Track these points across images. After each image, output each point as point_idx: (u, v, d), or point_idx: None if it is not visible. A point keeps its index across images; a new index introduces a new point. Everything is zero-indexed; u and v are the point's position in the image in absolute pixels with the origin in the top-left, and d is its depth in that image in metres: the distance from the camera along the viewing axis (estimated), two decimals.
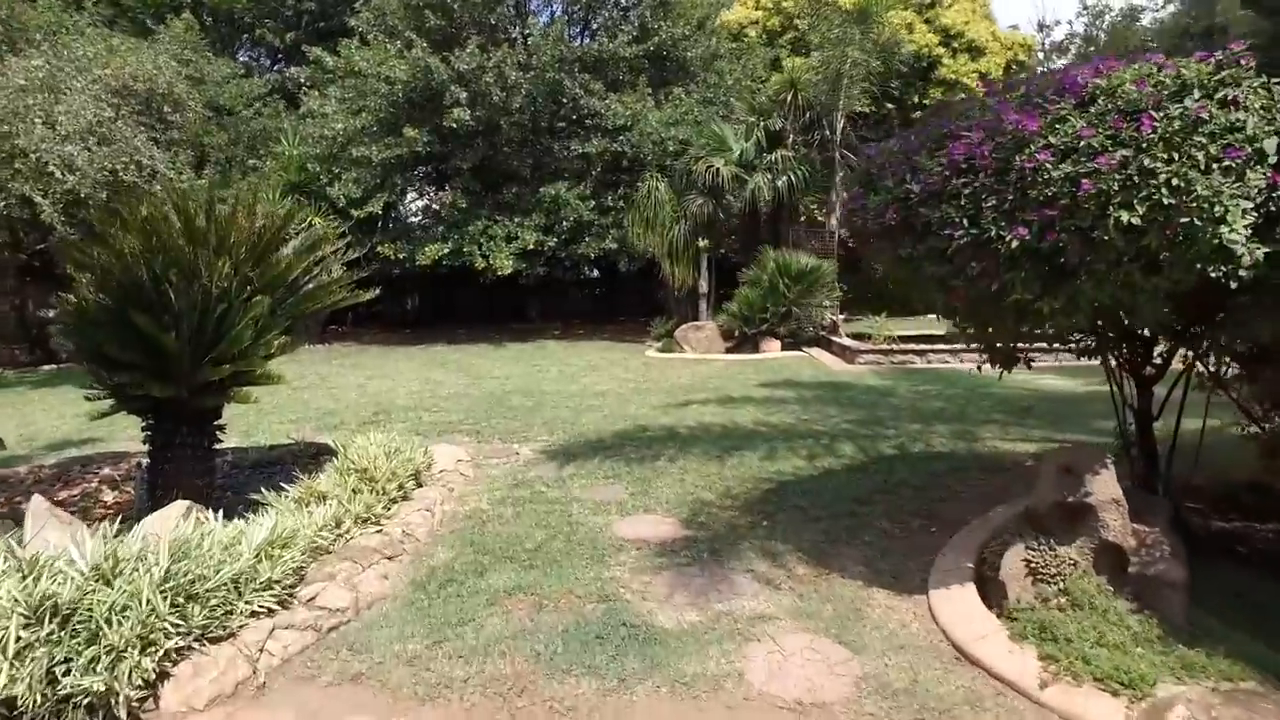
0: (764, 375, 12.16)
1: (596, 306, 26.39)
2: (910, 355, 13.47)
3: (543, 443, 7.77)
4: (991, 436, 7.69)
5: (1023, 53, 24.79)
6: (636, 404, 9.84)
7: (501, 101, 16.45)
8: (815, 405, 9.47)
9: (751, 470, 6.50)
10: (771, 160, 16.53)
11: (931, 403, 9.50)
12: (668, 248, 17.00)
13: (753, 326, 15.56)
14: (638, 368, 13.53)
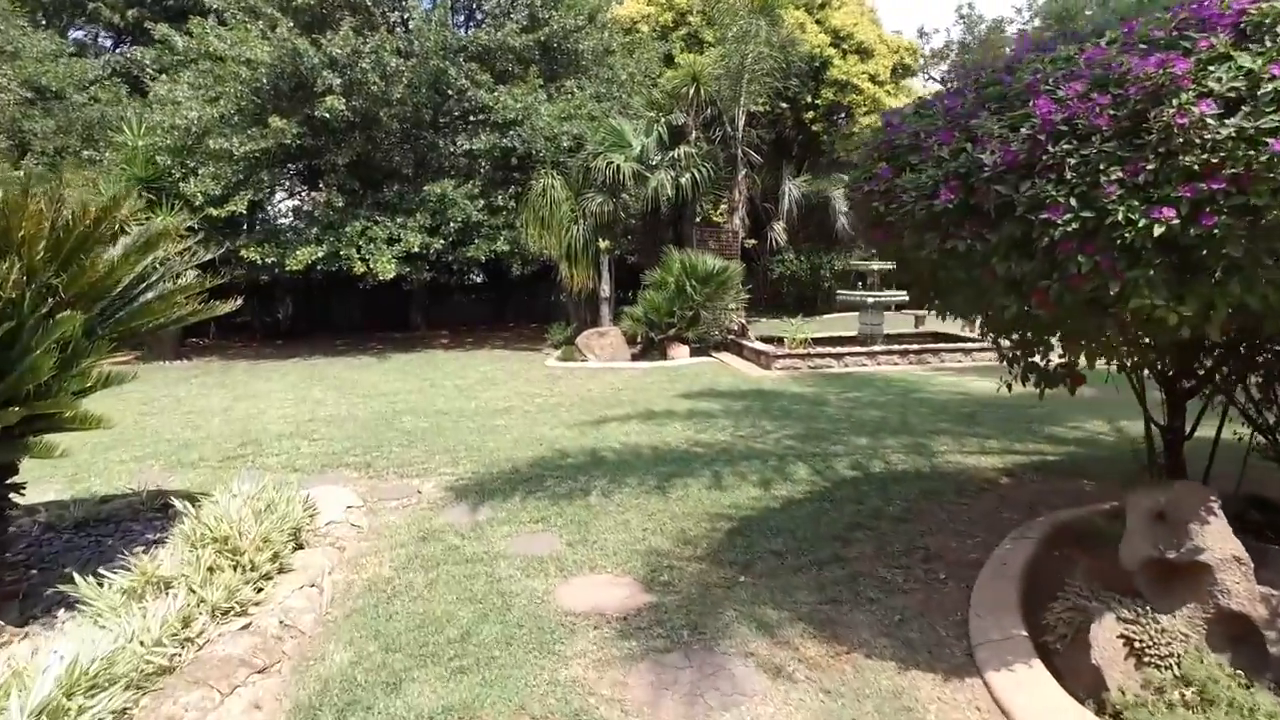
0: (680, 385, 11.34)
1: (486, 312, 25.02)
2: (827, 359, 12.97)
3: (448, 476, 6.62)
4: (947, 449, 7.09)
5: (909, 56, 25.18)
6: (548, 423, 8.79)
7: (380, 91, 14.98)
8: (747, 419, 8.69)
9: (702, 504, 5.60)
10: (674, 156, 15.78)
11: (868, 412, 8.90)
12: (566, 249, 15.96)
13: (659, 332, 14.75)
14: (540, 379, 12.44)
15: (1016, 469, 6.37)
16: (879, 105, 23.52)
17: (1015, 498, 5.62)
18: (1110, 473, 6.21)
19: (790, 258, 25.28)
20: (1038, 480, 6.05)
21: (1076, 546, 4.51)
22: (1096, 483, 5.97)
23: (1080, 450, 6.99)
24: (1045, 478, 6.12)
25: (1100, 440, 7.40)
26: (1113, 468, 6.34)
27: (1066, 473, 6.24)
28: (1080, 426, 7.99)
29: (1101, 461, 6.55)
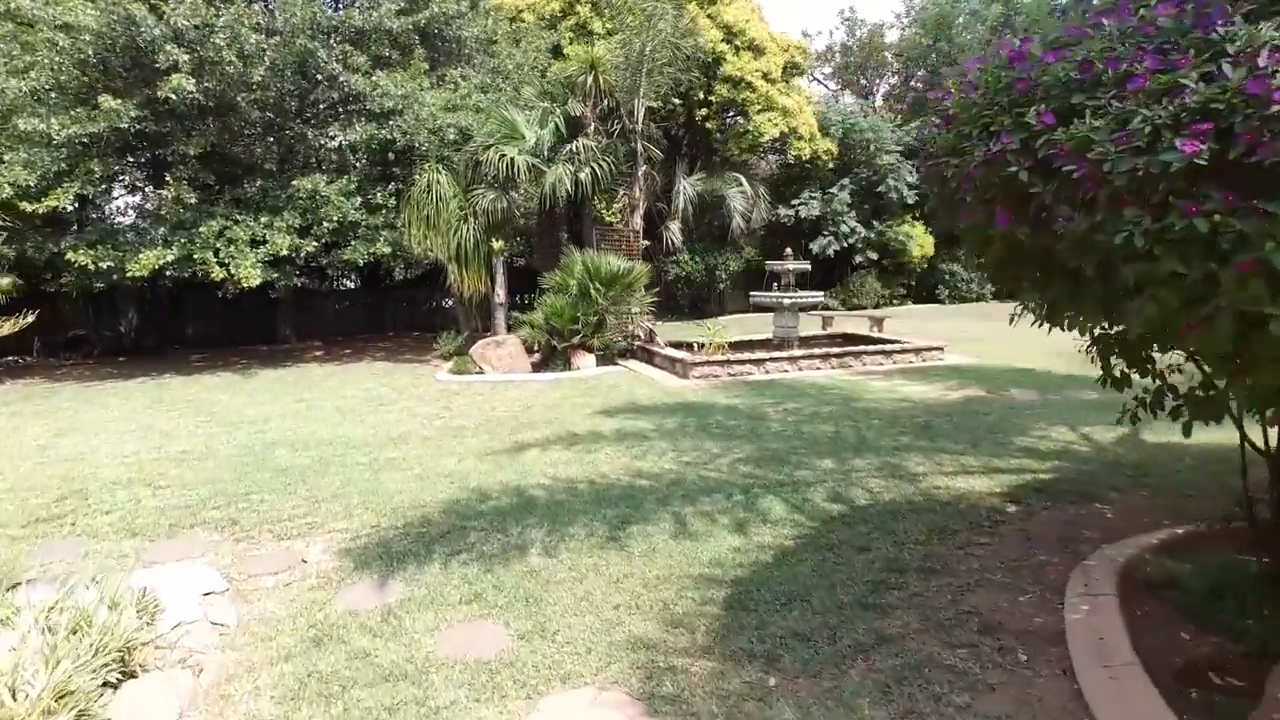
0: (597, 399, 10.21)
1: (365, 320, 23.00)
2: (747, 366, 12.15)
3: (341, 533, 5.25)
4: (925, 470, 6.29)
5: (799, 55, 24.98)
6: (455, 452, 7.48)
7: (238, 72, 13.08)
8: (686, 439, 7.66)
9: (675, 561, 4.51)
10: (572, 150, 14.61)
11: (817, 427, 8.04)
12: (455, 250, 14.52)
13: (562, 339, 13.56)
14: (434, 396, 11.02)
15: (1015, 493, 5.62)
16: (771, 103, 23.20)
17: (1037, 532, 4.82)
18: (1117, 492, 5.55)
19: (686, 259, 24.61)
20: (1048, 507, 5.30)
21: (1154, 598, 3.71)
22: (1112, 506, 5.28)
23: (1066, 464, 6.34)
24: (1053, 502, 5.38)
25: (1077, 451, 6.80)
26: (1114, 486, 5.68)
27: (1071, 494, 5.53)
28: (1046, 435, 7.41)
29: (1097, 478, 5.89)
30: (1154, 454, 6.64)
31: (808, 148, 24.71)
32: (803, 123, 24.25)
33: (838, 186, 26.59)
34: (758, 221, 24.67)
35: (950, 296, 28.85)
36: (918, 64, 29.85)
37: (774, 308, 14.00)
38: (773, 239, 28.01)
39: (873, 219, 27.21)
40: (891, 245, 27.13)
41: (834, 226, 26.55)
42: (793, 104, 23.94)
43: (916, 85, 30.56)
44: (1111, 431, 7.50)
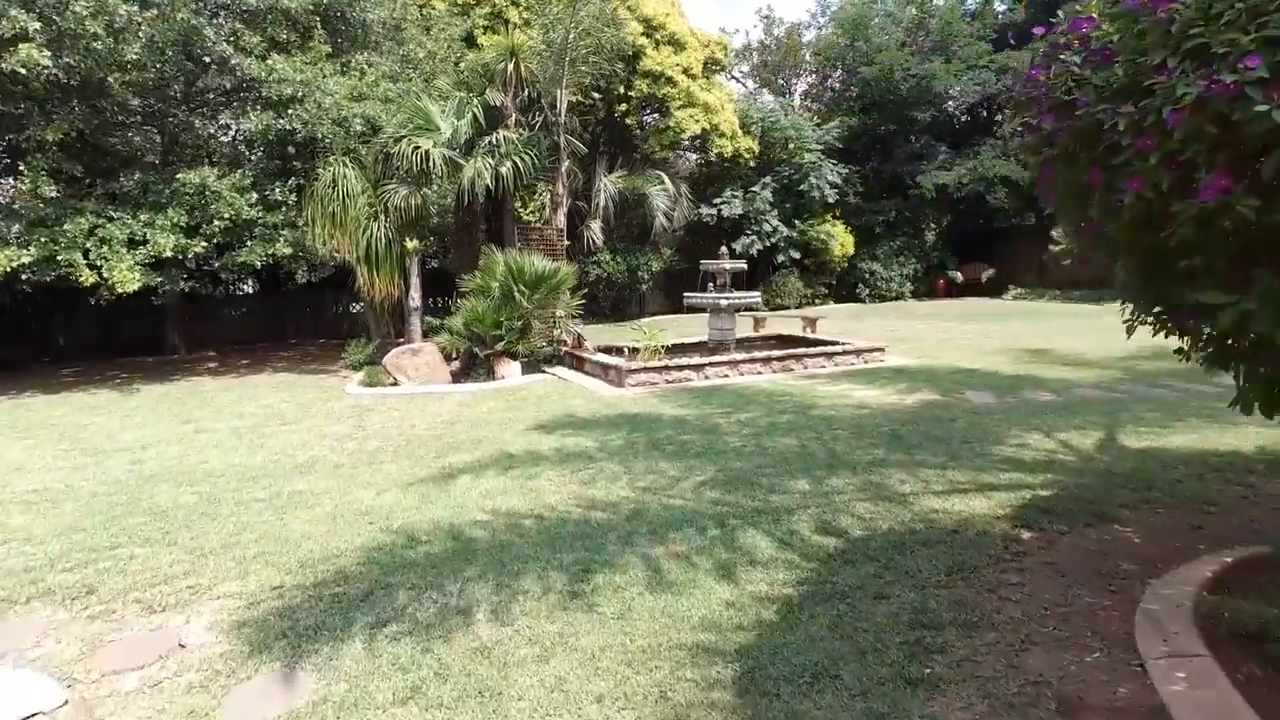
0: (528, 412, 9.26)
1: (266, 328, 21.32)
2: (686, 372, 11.40)
3: (233, 598, 4.20)
4: (912, 489, 5.62)
5: (719, 51, 24.50)
6: (373, 482, 6.44)
7: (107, 49, 11.53)
8: (638, 459, 6.82)
9: (660, 625, 3.66)
10: (492, 142, 13.57)
11: (779, 440, 7.32)
12: (364, 251, 13.28)
13: (484, 346, 12.52)
14: (345, 413, 9.86)
15: (1022, 515, 5.00)
16: (693, 100, 22.63)
17: (1067, 565, 4.18)
18: (1129, 510, 4.98)
19: (607, 259, 23.81)
20: (1065, 532, 4.69)
21: (1250, 655, 3.07)
22: (1133, 528, 4.70)
23: (1060, 478, 5.78)
24: (1068, 525, 4.78)
25: (1063, 461, 6.28)
26: (1123, 503, 5.13)
27: (1082, 515, 4.95)
28: (1024, 443, 6.89)
29: (1100, 494, 5.34)
30: (1142, 462, 6.18)
31: (729, 145, 24.26)
32: (724, 120, 23.78)
33: (759, 185, 26.26)
34: (679, 221, 24.10)
35: (870, 295, 28.93)
36: (834, 64, 29.83)
37: (709, 309, 13.31)
38: (694, 239, 27.51)
39: (794, 218, 27.01)
40: (813, 244, 26.98)
41: (756, 226, 26.21)
42: (714, 100, 23.45)
43: (834, 85, 30.59)
44: (1087, 437, 7.06)
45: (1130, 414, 7.97)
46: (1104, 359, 11.95)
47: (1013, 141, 3.76)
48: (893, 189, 29.63)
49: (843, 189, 27.49)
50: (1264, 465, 6.07)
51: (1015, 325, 18.15)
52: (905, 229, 29.47)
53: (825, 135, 26.99)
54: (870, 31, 28.36)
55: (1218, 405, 8.22)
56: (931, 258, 30.02)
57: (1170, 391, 9.20)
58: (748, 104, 27.45)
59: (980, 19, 29.14)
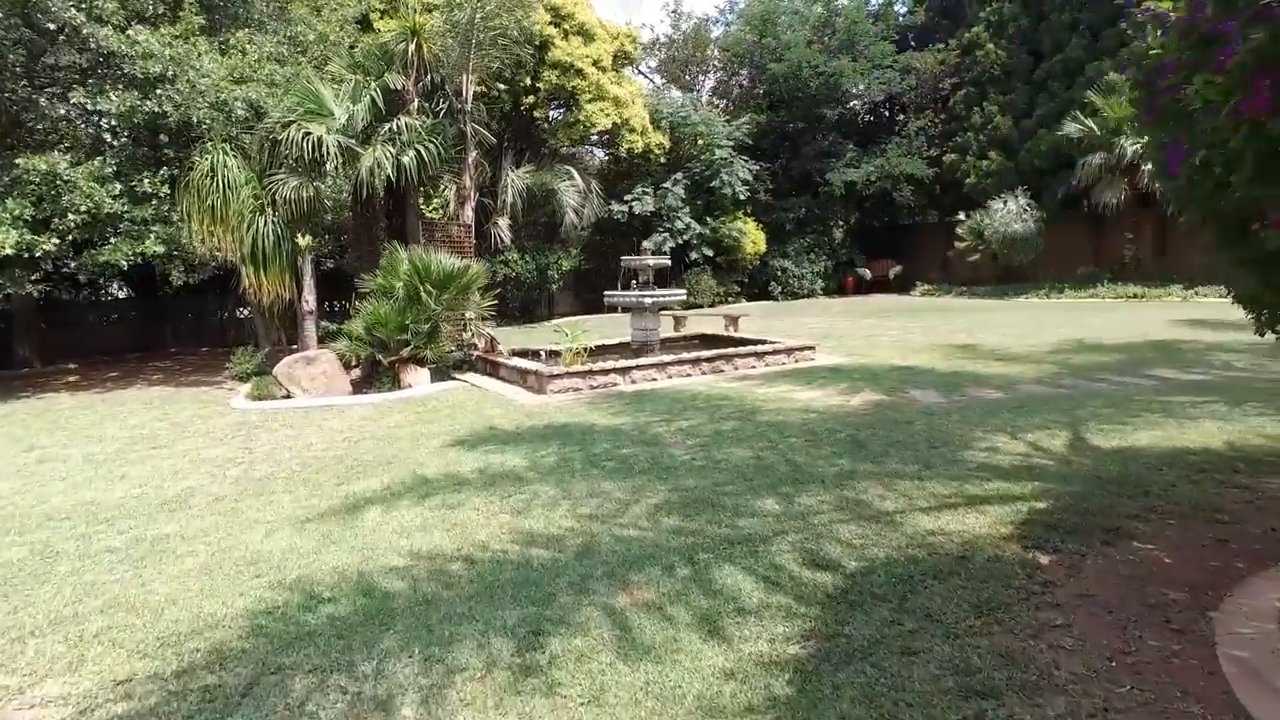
0: (443, 426, 8.26)
1: (139, 336, 19.35)
2: (612, 376, 10.57)
3: (57, 706, 3.12)
4: (895, 505, 4.97)
5: (629, 44, 23.82)
6: (262, 519, 5.37)
7: None
8: (576, 479, 5.95)
9: (650, 714, 2.84)
10: (393, 129, 12.40)
11: (730, 450, 6.59)
12: (249, 248, 11.91)
13: (389, 352, 11.38)
14: (230, 431, 8.62)
15: (1027, 532, 4.40)
16: (603, 93, 21.87)
17: (1106, 597, 3.58)
18: (1140, 522, 4.45)
19: (515, 258, 22.77)
20: (1084, 553, 4.11)
21: None
22: (1152, 543, 4.15)
23: (1048, 485, 5.24)
24: (1084, 545, 4.20)
25: (1042, 466, 5.77)
26: (1128, 513, 4.60)
27: (1094, 530, 4.39)
28: (994, 447, 6.38)
29: (1099, 502, 4.81)
30: (1124, 464, 5.73)
31: (640, 141, 23.61)
32: (634, 114, 23.11)
33: (671, 182, 25.72)
34: (590, 218, 23.33)
35: (783, 293, 28.82)
36: (742, 60, 29.59)
37: (632, 308, 12.53)
38: (604, 237, 26.77)
39: (706, 215, 26.60)
40: (725, 242, 26.63)
41: (668, 223, 25.64)
42: (624, 94, 22.74)
43: (741, 82, 30.36)
44: (1055, 438, 6.62)
45: (1085, 410, 7.61)
46: (1033, 354, 11.78)
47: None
48: (802, 186, 29.64)
49: (754, 186, 27.25)
50: (1244, 464, 5.71)
51: (932, 321, 18.11)
52: (815, 226, 29.52)
53: (736, 131, 26.68)
54: (778, 29, 28.25)
55: (1163, 399, 8.00)
56: (840, 255, 30.19)
57: (1109, 385, 8.98)
58: (658, 99, 26.86)
59: (883, 19, 29.45)
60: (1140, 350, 11.68)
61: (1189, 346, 11.93)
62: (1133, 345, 12.25)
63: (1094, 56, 23.93)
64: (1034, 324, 16.25)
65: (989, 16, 26.98)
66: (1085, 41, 24.50)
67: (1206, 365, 10.16)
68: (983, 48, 26.78)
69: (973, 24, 27.45)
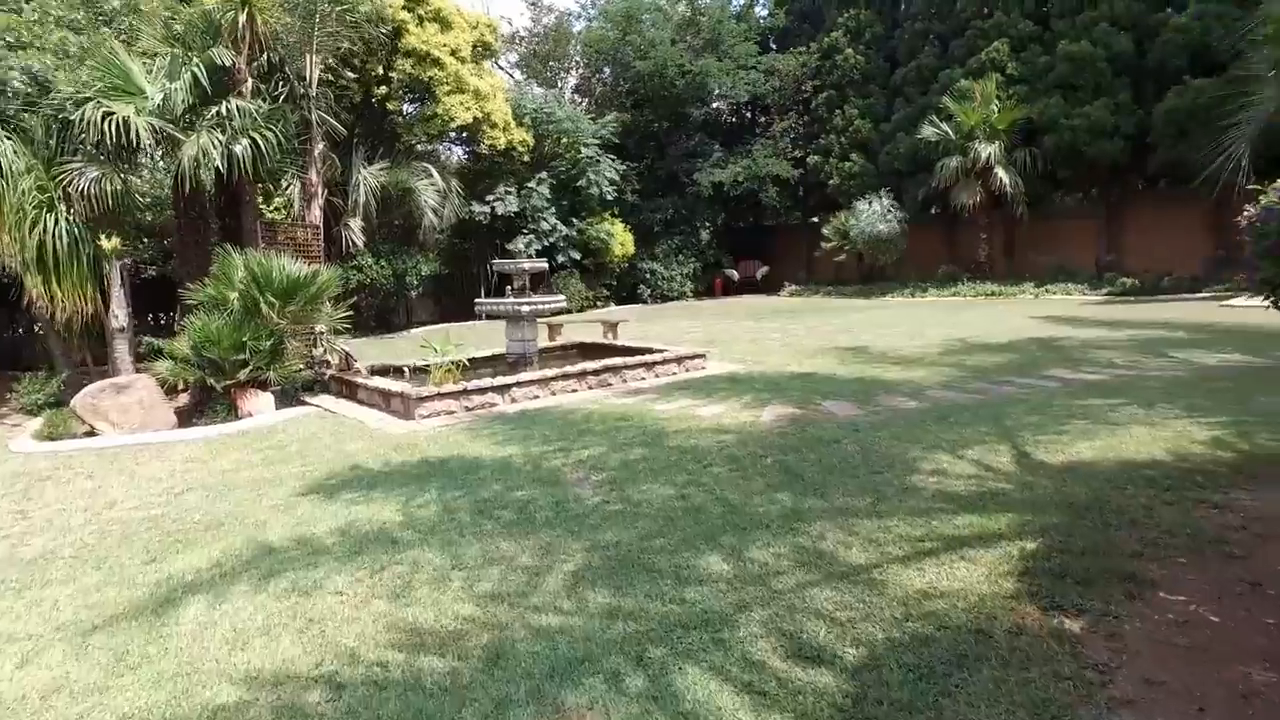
0: (293, 468, 6.78)
1: None
2: (489, 395, 9.33)
3: None
4: (864, 555, 4.08)
5: (489, 34, 22.40)
6: (24, 632, 3.86)
7: None
8: (465, 540, 4.73)
9: None
10: (222, 113, 10.59)
11: (647, 489, 5.54)
12: (35, 252, 9.83)
13: (222, 375, 9.63)
14: (3, 486, 6.79)
15: (1032, 585, 3.64)
16: (462, 85, 20.41)
17: (1182, 681, 2.79)
18: (1154, 563, 3.77)
19: (370, 262, 20.90)
20: (1116, 614, 3.35)
21: None
22: (1183, 591, 3.45)
23: (1024, 517, 4.52)
24: (1107, 602, 3.45)
25: (1005, 492, 5.08)
26: (1132, 550, 3.93)
27: (1110, 579, 3.66)
28: (940, 469, 5.67)
29: (1092, 540, 4.12)
30: (1085, 483, 5.16)
31: (502, 137, 22.28)
32: (496, 109, 21.76)
33: (535, 181, 24.51)
34: (450, 219, 21.83)
35: (652, 295, 28.20)
36: (606, 57, 28.73)
37: (508, 317, 11.29)
38: (465, 240, 25.24)
39: (572, 216, 25.57)
40: (593, 244, 25.69)
41: (533, 224, 24.42)
42: (485, 88, 21.34)
43: (605, 79, 29.51)
44: (997, 454, 6.03)
45: (1012, 420, 7.12)
46: (925, 355, 11.48)
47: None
48: (669, 187, 29.12)
49: (621, 186, 26.45)
50: (1201, 476, 5.26)
51: (811, 321, 17.84)
52: (682, 227, 29.07)
53: (602, 130, 25.78)
54: (642, 26, 27.59)
55: (1080, 403, 7.66)
56: (708, 256, 29.89)
57: (1017, 389, 8.64)
58: (520, 94, 25.56)
59: (745, 20, 29.37)
60: (1025, 349, 11.60)
61: (1066, 343, 11.98)
62: (1016, 344, 12.19)
63: (945, 64, 24.68)
64: (911, 323, 16.23)
65: (847, 23, 27.41)
66: (937, 50, 25.26)
67: (1094, 364, 10.08)
68: (842, 52, 27.17)
69: (832, 29, 27.82)
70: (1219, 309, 16.37)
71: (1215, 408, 7.23)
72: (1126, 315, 15.78)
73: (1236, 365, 9.59)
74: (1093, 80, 21.29)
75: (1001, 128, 22.34)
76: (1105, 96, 21.09)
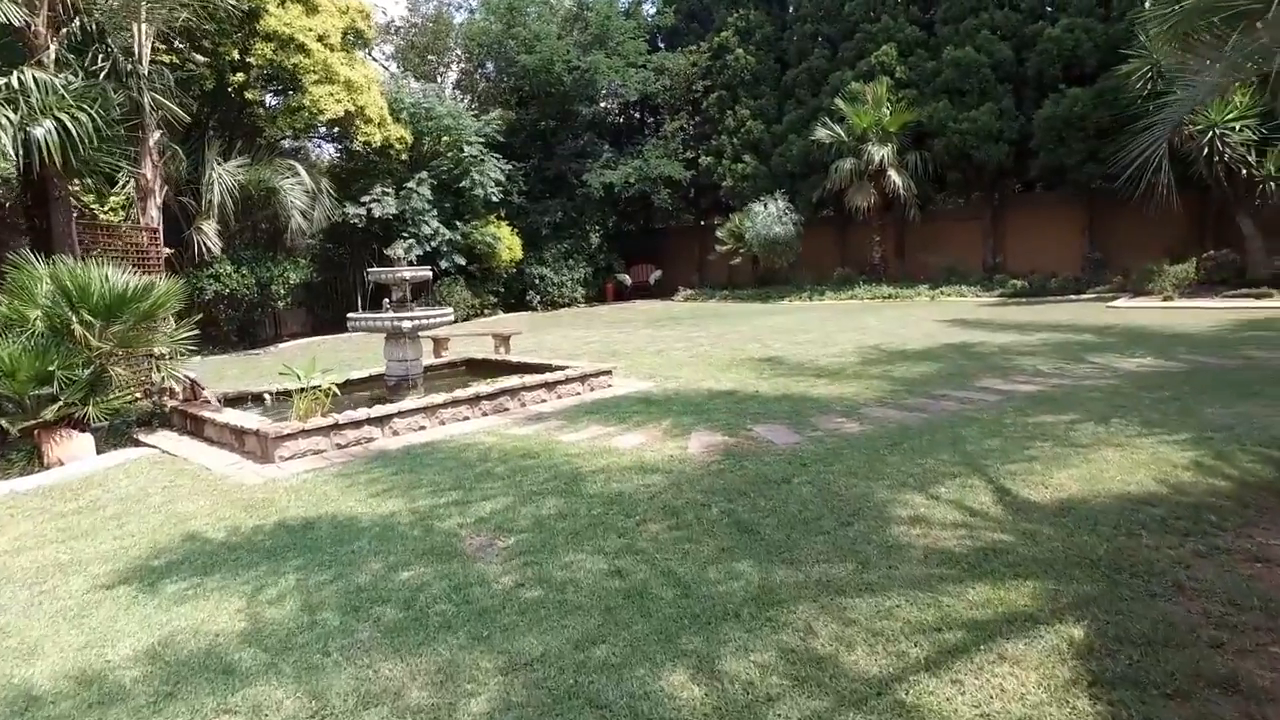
0: (103, 546, 5.19)
1: None
2: (365, 428, 7.88)
3: None
4: (876, 659, 3.03)
5: (361, 20, 20.54)
6: None
7: None
8: (331, 667, 3.42)
9: None
10: (14, 85, 8.63)
11: (569, 561, 4.34)
12: None
13: (23, 415, 7.76)
14: None
15: (1109, 698, 2.68)
16: (332, 74, 18.60)
17: None
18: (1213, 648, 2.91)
19: (229, 271, 18.72)
20: None
21: None
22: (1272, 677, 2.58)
23: (1045, 584, 3.60)
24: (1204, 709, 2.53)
25: (1001, 543, 4.17)
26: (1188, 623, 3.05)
27: (1195, 676, 2.74)
28: (918, 516, 4.72)
29: (1132, 612, 3.22)
30: (1091, 529, 4.34)
31: (378, 134, 20.52)
32: (371, 102, 19.99)
33: (415, 181, 22.80)
34: (321, 222, 19.92)
35: (542, 302, 26.88)
36: (488, 52, 27.19)
37: (387, 333, 9.82)
38: (339, 244, 23.27)
39: (456, 219, 23.97)
40: (479, 248, 24.18)
41: (414, 228, 22.68)
42: (358, 79, 19.55)
43: (489, 74, 27.96)
44: (973, 492, 5.17)
45: (971, 445, 6.34)
46: (846, 366, 10.76)
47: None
48: (558, 188, 27.87)
49: (507, 187, 25.03)
50: (1211, 513, 4.56)
51: (714, 329, 17.03)
52: (572, 231, 27.88)
53: (486, 127, 24.28)
54: (527, 19, 26.23)
55: (1031, 421, 6.96)
56: (600, 260, 28.81)
57: (958, 404, 7.95)
58: (397, 88, 23.73)
59: (633, 17, 28.46)
60: (947, 357, 11.05)
61: (983, 350, 11.56)
62: (934, 352, 11.67)
63: (836, 67, 24.54)
64: (817, 329, 15.63)
65: (736, 23, 26.95)
66: (827, 52, 25.10)
67: (1021, 372, 9.58)
68: (732, 52, 26.68)
69: (722, 29, 27.31)
70: (1106, 310, 16.59)
71: (1171, 422, 6.68)
72: (1027, 317, 15.71)
73: (1157, 370, 9.26)
74: (978, 86, 21.51)
75: (893, 130, 22.30)
76: (991, 102, 21.33)
